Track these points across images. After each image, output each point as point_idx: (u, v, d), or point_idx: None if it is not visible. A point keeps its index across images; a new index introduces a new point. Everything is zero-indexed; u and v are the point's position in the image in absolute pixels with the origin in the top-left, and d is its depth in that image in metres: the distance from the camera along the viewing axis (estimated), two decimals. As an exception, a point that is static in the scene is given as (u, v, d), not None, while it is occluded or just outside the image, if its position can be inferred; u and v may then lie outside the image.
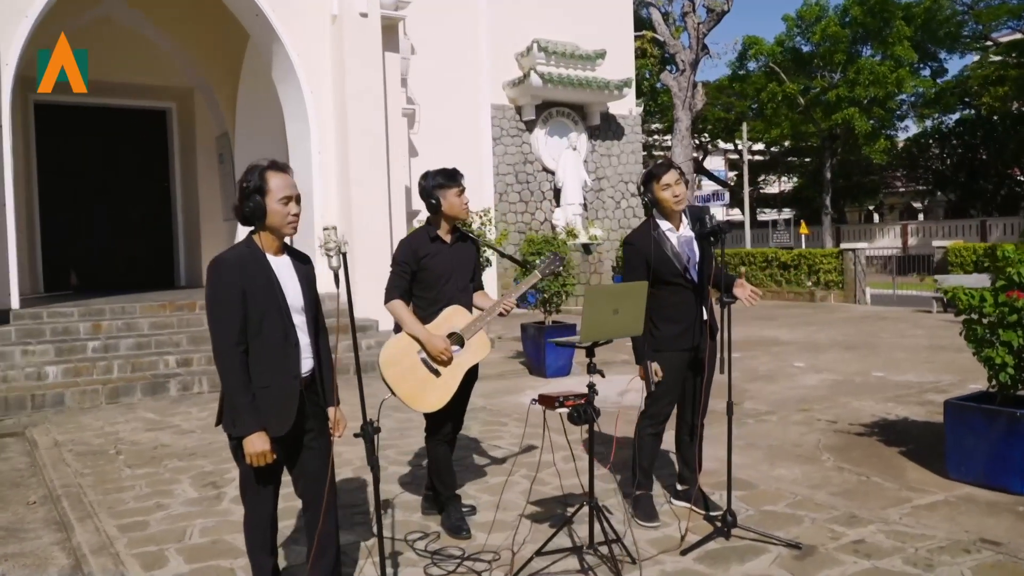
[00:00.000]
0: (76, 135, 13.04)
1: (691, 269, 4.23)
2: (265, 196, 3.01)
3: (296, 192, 3.08)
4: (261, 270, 3.03)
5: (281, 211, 3.03)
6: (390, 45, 10.72)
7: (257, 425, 2.97)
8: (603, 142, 17.99)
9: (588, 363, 3.67)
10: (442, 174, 4.22)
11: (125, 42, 12.48)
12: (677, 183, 4.18)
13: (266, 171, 3.05)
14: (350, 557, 3.92)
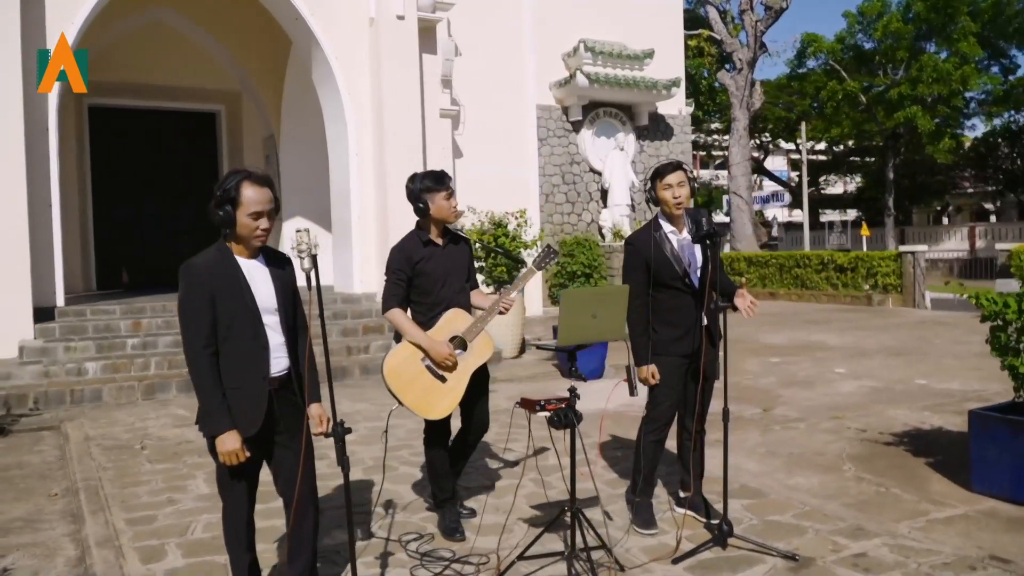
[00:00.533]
0: (129, 137, 13.44)
1: (692, 273, 4.15)
2: (236, 208, 3.02)
3: (269, 207, 3.05)
4: (230, 273, 3.06)
5: (250, 224, 3.03)
6: (427, 47, 10.78)
7: (228, 425, 3.01)
8: (651, 142, 17.81)
9: (570, 367, 3.61)
10: (430, 177, 4.20)
11: (176, 46, 12.81)
12: (680, 185, 4.10)
13: (242, 182, 3.04)
14: (342, 556, 3.94)
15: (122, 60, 12.71)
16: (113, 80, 12.90)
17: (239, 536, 3.20)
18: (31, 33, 8.55)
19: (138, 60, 12.84)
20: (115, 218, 13.42)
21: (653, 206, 4.24)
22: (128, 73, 12.90)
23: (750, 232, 25.27)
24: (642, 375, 4.12)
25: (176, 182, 13.89)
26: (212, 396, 3.02)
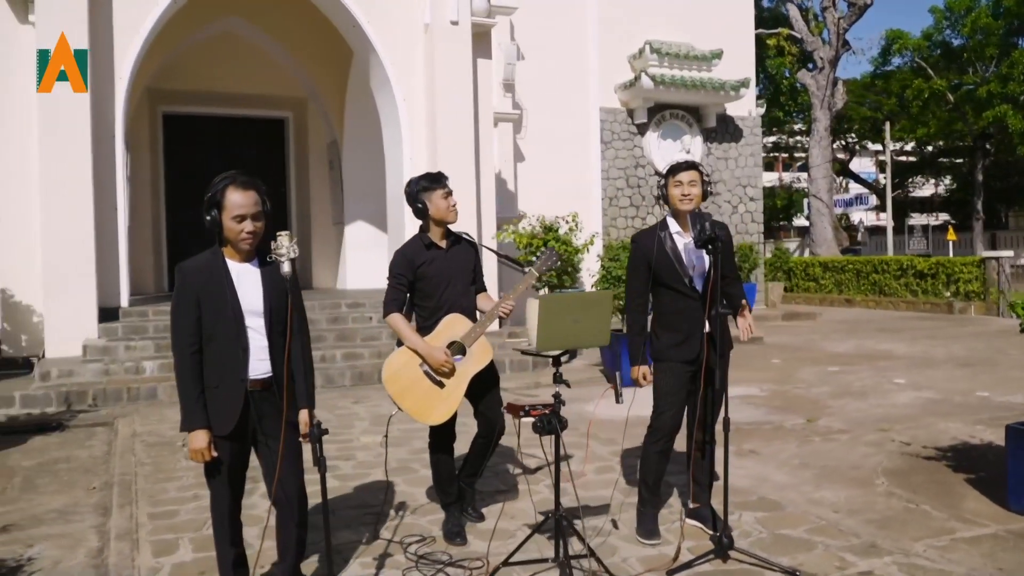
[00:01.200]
0: (201, 143, 13.93)
1: (695, 277, 4.08)
2: (221, 212, 3.13)
3: (253, 211, 3.15)
4: (217, 276, 3.16)
5: (235, 228, 3.13)
6: (482, 52, 10.85)
7: (200, 423, 3.12)
8: (719, 144, 17.50)
9: (554, 373, 3.59)
10: (426, 177, 4.23)
11: (246, 55, 13.23)
12: (691, 184, 4.07)
13: (227, 187, 3.15)
14: (341, 556, 4.01)
15: (195, 69, 13.20)
16: (186, 88, 13.41)
17: (223, 529, 3.30)
18: (98, 45, 8.96)
19: (210, 69, 13.31)
20: (187, 222, 13.91)
21: (663, 204, 4.19)
22: (200, 81, 13.38)
23: (830, 236, 24.55)
24: (633, 375, 4.05)
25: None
26: (189, 394, 3.15)
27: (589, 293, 3.65)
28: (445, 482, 4.30)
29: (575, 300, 3.41)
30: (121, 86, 9.13)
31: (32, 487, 5.45)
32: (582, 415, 7.11)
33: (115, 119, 9.12)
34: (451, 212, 4.20)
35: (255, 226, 3.18)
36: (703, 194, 4.13)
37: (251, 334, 3.21)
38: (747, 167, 17.82)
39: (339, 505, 4.84)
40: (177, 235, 13.73)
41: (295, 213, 14.57)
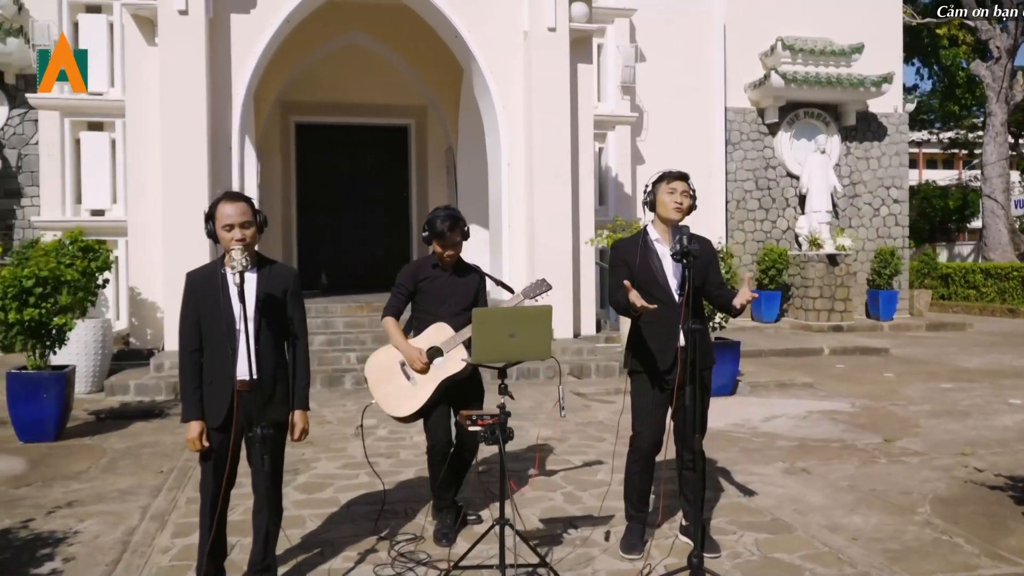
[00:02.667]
0: (330, 151, 14.75)
1: (676, 288, 4.01)
2: (214, 223, 3.46)
3: (241, 220, 3.46)
4: (214, 283, 3.49)
5: (225, 236, 3.46)
6: (583, 56, 10.86)
7: (193, 416, 3.49)
8: (860, 144, 16.59)
9: (500, 384, 3.63)
10: (437, 221, 4.34)
11: (370, 66, 13.88)
12: (684, 193, 4.04)
13: (219, 201, 3.54)
14: (332, 548, 4.23)
15: (323, 81, 13.98)
16: (316, 100, 14.25)
17: (206, 512, 3.58)
18: (216, 64, 9.73)
19: (337, 80, 14.06)
20: (318, 225, 14.78)
21: (649, 210, 4.15)
22: (329, 92, 14.17)
23: (1006, 240, 22.58)
24: (632, 299, 3.86)
25: (370, 192, 15.04)
26: (187, 390, 3.53)
27: (527, 308, 3.66)
28: (439, 487, 4.44)
29: (511, 314, 3.45)
30: (237, 101, 9.86)
31: (112, 468, 6.03)
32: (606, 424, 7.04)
33: (231, 132, 9.85)
34: (444, 258, 4.40)
35: (243, 233, 3.47)
36: (690, 208, 4.08)
37: (242, 337, 3.47)
38: (891, 167, 16.79)
39: (360, 500, 5.07)
40: (307, 237, 14.60)
41: (416, 217, 15.13)
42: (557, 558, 4.06)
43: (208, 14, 9.50)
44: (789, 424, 7.38)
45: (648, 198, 4.13)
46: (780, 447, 6.53)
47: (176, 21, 9.31)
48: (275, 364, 3.59)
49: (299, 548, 4.28)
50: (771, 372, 10.07)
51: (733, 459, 6.13)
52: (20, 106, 12.57)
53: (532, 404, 8.01)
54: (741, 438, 6.84)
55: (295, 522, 4.69)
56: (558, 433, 6.84)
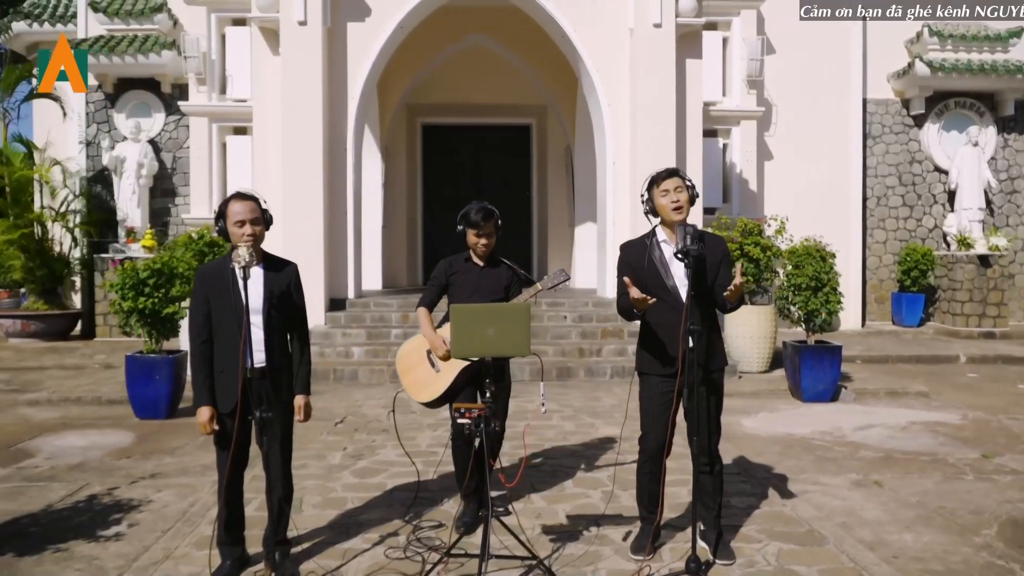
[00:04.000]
0: (454, 150, 15.17)
1: (683, 289, 3.95)
2: (225, 220, 3.76)
3: (251, 216, 3.76)
4: (223, 277, 3.77)
5: (236, 232, 3.75)
6: (691, 52, 10.65)
7: (204, 402, 3.76)
8: (1020, 135, 15.31)
9: (484, 381, 3.71)
10: (472, 212, 4.50)
11: (492, 67, 14.16)
12: (678, 190, 3.99)
13: (230, 200, 3.86)
14: (361, 529, 4.46)
15: (447, 83, 14.40)
16: (441, 101, 14.70)
17: (222, 490, 3.87)
18: (334, 70, 10.28)
19: (461, 81, 14.43)
20: (443, 223, 15.23)
21: (652, 217, 4.12)
22: (453, 94, 14.57)
23: None
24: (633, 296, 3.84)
25: (493, 191, 15.31)
26: (197, 377, 3.80)
27: (505, 304, 3.72)
28: (461, 476, 4.57)
29: (488, 310, 3.52)
30: (352, 105, 10.38)
31: (206, 445, 6.49)
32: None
33: (347, 134, 10.38)
34: (478, 247, 4.55)
35: (253, 229, 3.76)
36: (691, 198, 4.01)
37: (254, 328, 3.76)
38: (1058, 160, 15.38)
39: (405, 487, 5.26)
40: (433, 235, 15.08)
41: (536, 215, 15.31)
42: (567, 553, 4.11)
43: (325, 24, 10.06)
44: (882, 435, 6.99)
45: (647, 206, 4.09)
46: (861, 458, 6.22)
47: (295, 31, 9.92)
48: (282, 352, 3.84)
49: (328, 527, 4.54)
50: (887, 379, 9.54)
51: (801, 467, 5.91)
52: (174, 113, 13.71)
53: (614, 403, 7.97)
54: (821, 447, 6.56)
55: (337, 503, 4.97)
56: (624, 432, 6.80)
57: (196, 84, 13.02)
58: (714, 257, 4.06)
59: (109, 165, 13.38)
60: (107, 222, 13.59)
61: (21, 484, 5.53)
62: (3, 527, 4.66)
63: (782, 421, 7.50)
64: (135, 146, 13.35)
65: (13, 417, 7.70)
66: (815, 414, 7.78)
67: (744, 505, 4.90)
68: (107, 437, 6.87)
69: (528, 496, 5.09)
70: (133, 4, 13.51)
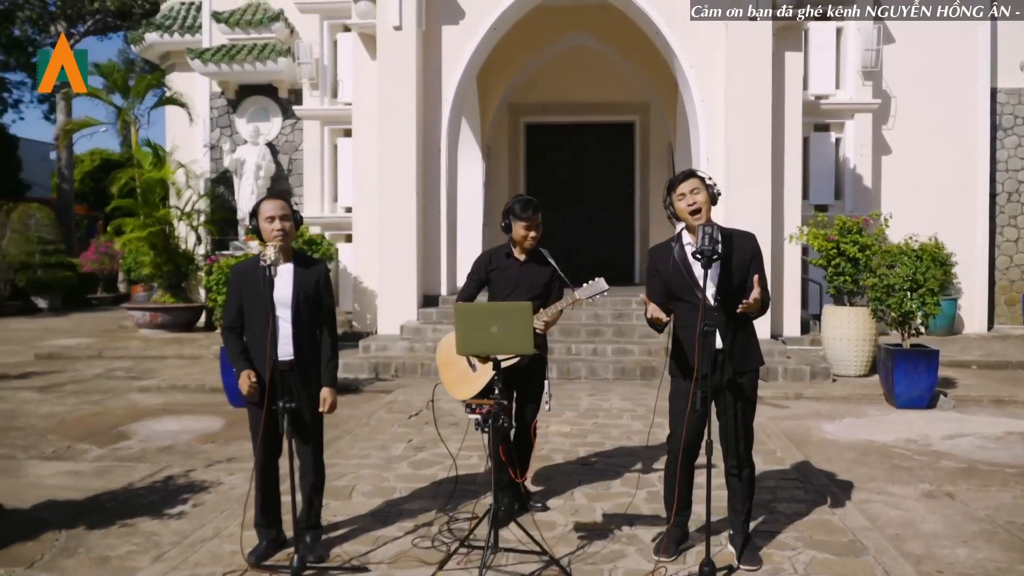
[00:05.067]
0: (557, 149, 15.22)
1: (708, 289, 3.89)
2: (258, 218, 4.00)
3: (280, 213, 3.98)
4: (255, 275, 3.98)
5: (267, 228, 3.98)
6: (790, 45, 10.29)
7: (243, 367, 3.98)
8: None
9: (493, 377, 3.76)
10: (519, 204, 4.56)
11: (593, 65, 14.15)
12: (694, 192, 3.95)
13: (262, 201, 4.09)
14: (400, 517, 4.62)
15: (550, 82, 14.48)
16: (544, 100, 14.79)
17: (256, 473, 4.11)
18: (428, 74, 10.55)
19: (563, 80, 14.49)
20: (545, 222, 15.29)
21: (676, 221, 4.07)
22: (556, 93, 14.64)
23: None
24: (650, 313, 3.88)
25: (596, 189, 15.31)
26: (233, 353, 4.07)
27: (508, 304, 3.74)
28: (496, 468, 4.64)
29: (492, 309, 3.57)
30: (446, 106, 10.62)
31: (286, 434, 6.89)
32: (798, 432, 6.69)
33: (441, 135, 10.63)
34: (526, 241, 4.59)
35: (283, 224, 3.98)
36: (711, 198, 3.94)
37: (280, 323, 3.99)
38: None
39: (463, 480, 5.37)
40: (537, 234, 15.19)
41: (639, 213, 15.17)
42: (590, 551, 4.13)
43: (420, 28, 10.34)
44: (971, 445, 6.60)
45: (669, 212, 4.05)
46: (940, 468, 5.90)
47: (391, 36, 10.25)
48: (311, 347, 4.02)
49: (370, 515, 4.72)
50: (997, 386, 8.94)
51: (871, 476, 5.67)
52: (290, 117, 14.38)
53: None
54: (900, 455, 6.26)
55: (385, 492, 5.16)
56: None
57: (309, 89, 13.59)
58: (743, 256, 3.98)
59: (230, 167, 14.19)
60: (228, 220, 14.42)
61: (112, 463, 6.00)
62: (85, 502, 5.09)
63: (866, 427, 7.19)
64: (254, 149, 14.10)
65: (124, 402, 8.34)
66: (905, 421, 7.41)
67: (790, 512, 4.76)
68: (199, 423, 7.34)
69: (571, 493, 5.12)
70: (252, 14, 14.27)
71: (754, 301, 3.71)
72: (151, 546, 4.34)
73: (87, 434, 6.88)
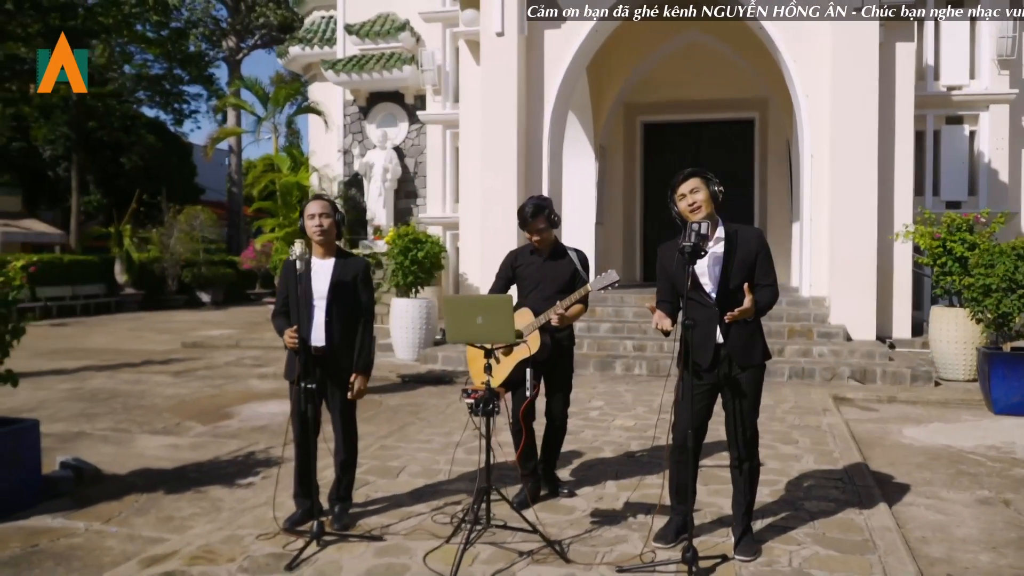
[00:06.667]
0: (674, 147, 15.15)
1: (711, 286, 4.00)
2: (303, 216, 4.46)
3: (320, 211, 4.41)
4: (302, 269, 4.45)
5: (309, 224, 4.44)
6: (901, 35, 9.89)
7: (283, 328, 4.41)
8: None
9: (485, 364, 4.00)
10: (527, 209, 4.79)
11: (709, 62, 14.01)
12: (693, 192, 4.05)
13: (309, 202, 4.53)
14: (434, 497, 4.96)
15: (666, 80, 14.45)
16: (661, 99, 14.77)
17: (297, 454, 4.56)
18: (531, 77, 10.87)
19: (679, 78, 14.42)
20: (660, 219, 15.31)
21: (679, 222, 4.17)
22: (672, 91, 14.59)
23: None
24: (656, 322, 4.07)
25: (714, 185, 15.15)
26: (280, 326, 4.50)
27: (490, 297, 3.93)
28: (522, 457, 4.91)
29: (477, 301, 3.81)
30: (548, 108, 10.91)
31: (371, 418, 7.38)
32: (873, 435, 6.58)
33: (543, 136, 10.93)
34: (536, 242, 4.83)
35: (323, 222, 4.42)
36: (712, 195, 4.03)
37: (316, 312, 4.43)
38: None
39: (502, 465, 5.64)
40: (650, 230, 15.22)
41: (758, 210, 14.87)
42: (595, 535, 4.32)
43: (522, 33, 10.70)
44: (1059, 454, 6.23)
45: (674, 212, 4.14)
46: (1009, 475, 5.65)
47: (494, 43, 10.65)
48: (343, 335, 4.42)
49: (408, 494, 5.08)
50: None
51: (928, 480, 5.52)
52: (416, 122, 15.11)
53: (769, 403, 7.76)
54: (973, 461, 6.02)
55: (430, 474, 5.51)
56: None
57: (432, 95, 14.26)
58: (747, 251, 4.05)
59: (360, 170, 15.08)
60: (359, 221, 15.32)
61: (208, 439, 6.70)
62: (172, 471, 5.76)
63: (950, 432, 6.90)
64: (382, 153, 14.93)
65: (240, 387, 9.16)
66: (997, 427, 7.05)
67: (816, 510, 4.74)
68: (297, 406, 7.99)
69: (604, 483, 5.29)
70: (381, 25, 15.08)
71: (739, 312, 3.80)
72: (212, 510, 4.90)
73: (197, 413, 7.67)
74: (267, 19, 33.25)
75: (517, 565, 3.91)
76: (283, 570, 3.89)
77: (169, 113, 33.15)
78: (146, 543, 4.35)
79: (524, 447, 4.88)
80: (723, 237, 4.07)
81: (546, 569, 3.87)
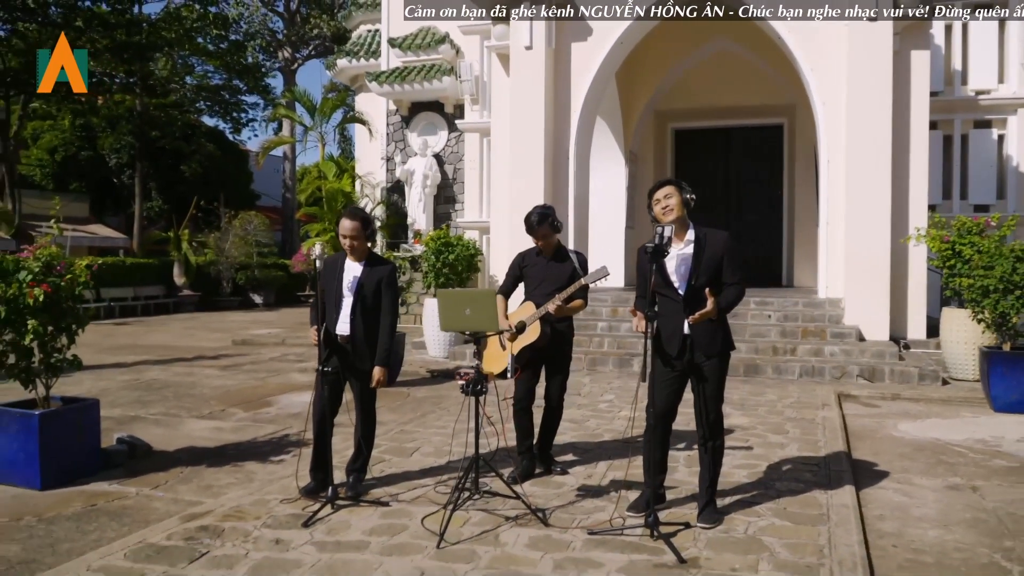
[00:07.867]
0: (705, 153, 15.50)
1: (680, 283, 4.47)
2: (338, 227, 5.06)
3: (350, 234, 4.97)
4: (335, 267, 5.08)
5: (342, 240, 5.04)
6: (917, 43, 10.16)
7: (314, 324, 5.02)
8: None
9: (474, 351, 4.54)
10: (532, 218, 5.33)
11: (738, 70, 14.35)
12: (667, 197, 4.52)
13: (342, 216, 5.12)
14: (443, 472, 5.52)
15: (696, 87, 14.84)
16: (691, 106, 15.16)
17: (315, 429, 5.17)
18: (559, 86, 11.40)
19: (709, 85, 14.78)
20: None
21: (653, 224, 4.65)
22: (702, 98, 14.97)
23: None
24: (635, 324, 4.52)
25: (743, 192, 15.43)
26: (311, 317, 5.10)
27: (477, 290, 4.47)
28: (519, 436, 5.45)
29: (465, 295, 4.34)
30: (574, 117, 11.41)
31: (396, 408, 7.99)
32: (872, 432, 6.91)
33: (569, 144, 11.45)
34: (540, 245, 5.38)
35: (352, 243, 5.01)
36: (683, 202, 4.49)
37: (344, 303, 5.04)
38: None
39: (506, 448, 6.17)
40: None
41: (786, 215, 15.14)
42: (577, 505, 4.84)
43: (550, 46, 11.23)
44: (1042, 448, 6.53)
45: (651, 216, 4.61)
46: (987, 466, 5.99)
47: (523, 55, 11.21)
48: (366, 329, 5.00)
49: (419, 470, 5.66)
50: None
51: (905, 468, 5.90)
52: (455, 130, 15.76)
53: (773, 399, 8.16)
54: (955, 453, 6.36)
55: (442, 454, 6.08)
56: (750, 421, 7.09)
57: (470, 104, 14.88)
58: (713, 253, 4.52)
59: (401, 177, 15.78)
60: (401, 225, 16.03)
61: (248, 423, 7.38)
62: (214, 449, 6.43)
63: (943, 428, 7.23)
64: (422, 160, 15.61)
65: (282, 379, 9.86)
66: (992, 424, 7.35)
67: (784, 489, 5.17)
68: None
69: (596, 464, 5.79)
70: (422, 38, 15.77)
71: (700, 315, 4.29)
72: (246, 480, 5.55)
73: (240, 401, 8.37)
74: (320, 30, 34.40)
75: (502, 527, 4.45)
76: (300, 527, 4.49)
77: (228, 122, 34.45)
78: (187, 505, 5.00)
79: (519, 428, 5.43)
80: (693, 240, 4.54)
81: (526, 531, 4.40)
